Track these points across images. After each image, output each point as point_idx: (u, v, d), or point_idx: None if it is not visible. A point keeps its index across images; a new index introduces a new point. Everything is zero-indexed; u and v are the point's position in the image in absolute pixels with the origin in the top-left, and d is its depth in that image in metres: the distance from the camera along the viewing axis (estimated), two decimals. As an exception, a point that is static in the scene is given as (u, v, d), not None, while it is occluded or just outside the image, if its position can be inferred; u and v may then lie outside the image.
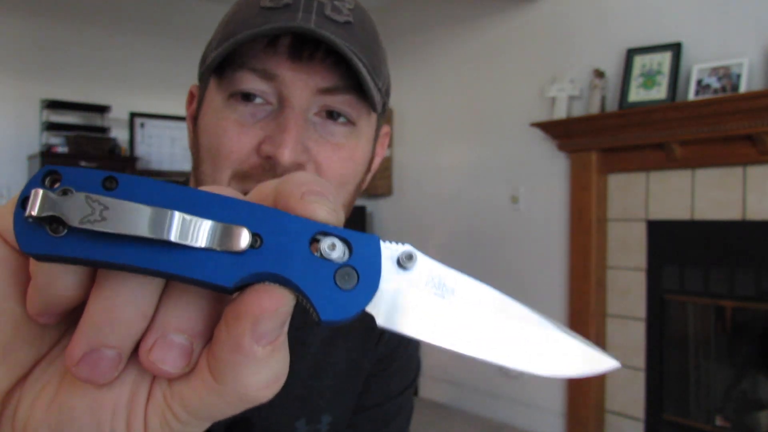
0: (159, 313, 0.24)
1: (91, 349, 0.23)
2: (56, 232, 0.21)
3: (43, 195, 0.21)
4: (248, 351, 0.23)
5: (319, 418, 0.69)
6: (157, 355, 0.23)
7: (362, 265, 0.24)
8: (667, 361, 2.72)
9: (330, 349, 0.70)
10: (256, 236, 0.23)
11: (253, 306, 0.22)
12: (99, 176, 0.22)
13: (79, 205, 0.21)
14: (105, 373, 0.23)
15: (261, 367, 0.23)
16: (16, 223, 0.21)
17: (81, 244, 0.21)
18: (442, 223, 3.73)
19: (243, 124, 0.57)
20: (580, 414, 2.91)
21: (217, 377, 0.23)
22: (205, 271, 0.22)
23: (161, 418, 0.24)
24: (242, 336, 0.22)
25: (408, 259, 0.25)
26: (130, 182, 0.22)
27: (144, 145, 4.17)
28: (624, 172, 2.81)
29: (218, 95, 0.59)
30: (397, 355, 0.76)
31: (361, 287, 0.24)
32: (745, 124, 2.33)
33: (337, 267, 0.23)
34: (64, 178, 0.22)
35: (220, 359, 0.23)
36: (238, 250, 0.22)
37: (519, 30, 3.34)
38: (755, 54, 2.42)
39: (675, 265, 2.68)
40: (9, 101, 3.80)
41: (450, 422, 3.38)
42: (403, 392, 0.76)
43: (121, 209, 0.21)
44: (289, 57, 0.56)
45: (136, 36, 4.20)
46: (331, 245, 0.23)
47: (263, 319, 0.22)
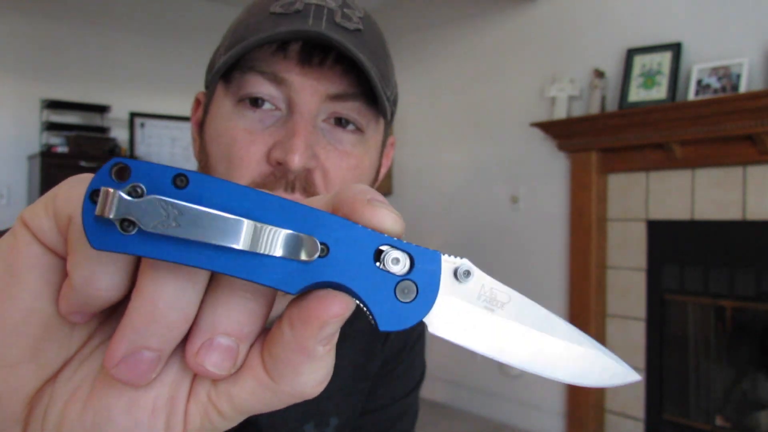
0: (205, 314, 0.24)
1: (131, 352, 0.23)
2: (126, 231, 0.21)
3: (117, 197, 0.21)
4: (312, 352, 0.23)
5: (327, 421, 0.68)
6: (205, 358, 0.23)
7: (422, 279, 0.24)
8: (667, 361, 2.72)
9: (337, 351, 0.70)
10: (324, 246, 0.23)
11: (322, 312, 0.22)
12: (169, 173, 0.22)
13: (153, 210, 0.21)
14: (144, 375, 0.23)
15: (320, 367, 0.24)
16: (86, 219, 0.21)
17: (151, 245, 0.21)
18: (442, 223, 3.73)
19: (252, 132, 0.56)
20: (580, 414, 2.91)
21: (275, 376, 0.24)
22: (273, 277, 0.22)
23: (203, 415, 0.25)
24: (309, 339, 0.23)
25: (465, 275, 0.25)
26: (201, 181, 0.22)
27: (144, 145, 4.17)
28: (624, 172, 2.81)
29: (226, 101, 0.58)
30: (403, 358, 0.76)
31: (420, 300, 0.24)
32: (745, 124, 2.33)
33: (399, 280, 0.24)
34: (133, 173, 0.21)
35: (280, 360, 0.24)
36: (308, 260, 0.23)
37: (519, 30, 3.34)
38: (755, 54, 2.42)
39: (675, 265, 2.68)
40: (9, 101, 3.80)
41: (450, 422, 3.38)
42: (408, 394, 0.76)
43: (195, 216, 0.21)
44: (299, 62, 0.56)
45: (137, 36, 4.20)
46: (395, 259, 0.24)
47: (331, 324, 0.23)
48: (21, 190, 3.83)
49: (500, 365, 3.33)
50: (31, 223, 0.23)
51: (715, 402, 2.62)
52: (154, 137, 4.21)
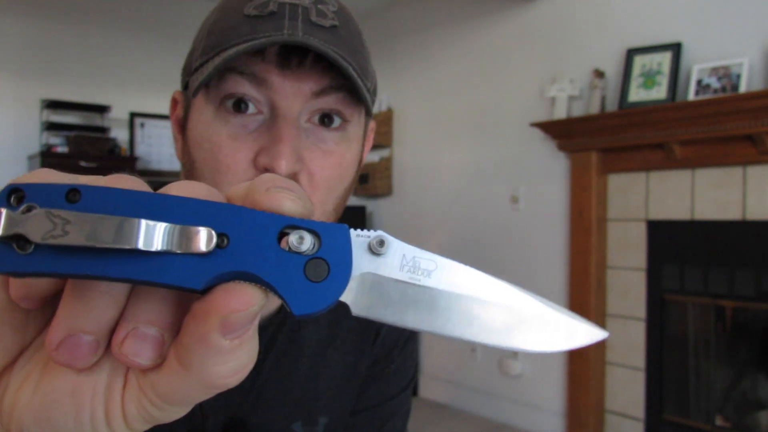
0: (130, 305, 0.24)
1: (68, 335, 0.23)
2: (23, 250, 0.21)
3: (6, 215, 0.21)
4: (215, 345, 0.23)
5: (316, 420, 0.68)
6: (129, 348, 0.24)
7: (332, 255, 0.23)
8: (667, 361, 2.72)
9: (326, 351, 0.70)
10: (223, 235, 0.22)
11: (221, 305, 0.22)
12: (62, 190, 0.22)
13: (40, 222, 0.21)
14: (83, 358, 0.24)
15: (227, 359, 0.23)
16: None
17: (48, 260, 0.21)
18: (442, 223, 3.73)
19: (236, 138, 0.56)
20: (580, 414, 2.91)
21: (185, 366, 0.24)
22: (173, 275, 0.22)
23: (137, 403, 0.25)
24: (210, 332, 0.23)
25: (379, 245, 0.24)
26: (93, 193, 0.22)
27: (144, 145, 4.17)
28: (624, 172, 2.81)
29: (208, 106, 0.58)
30: (394, 357, 0.76)
31: (333, 278, 0.23)
32: (745, 124, 2.33)
33: (307, 259, 0.23)
34: (27, 195, 0.22)
35: (187, 349, 0.23)
36: (204, 252, 0.22)
37: (519, 30, 3.34)
38: (755, 54, 2.42)
39: (675, 265, 2.68)
40: (9, 101, 3.80)
41: (450, 422, 3.38)
42: (399, 394, 0.76)
43: (81, 221, 0.21)
44: (278, 65, 0.56)
45: (136, 36, 4.20)
46: (299, 238, 0.23)
47: (231, 319, 0.22)
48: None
49: (501, 364, 3.33)
50: None
51: (715, 402, 2.62)
52: (154, 137, 4.21)
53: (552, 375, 3.10)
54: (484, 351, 3.46)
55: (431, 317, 0.25)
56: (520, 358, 3.26)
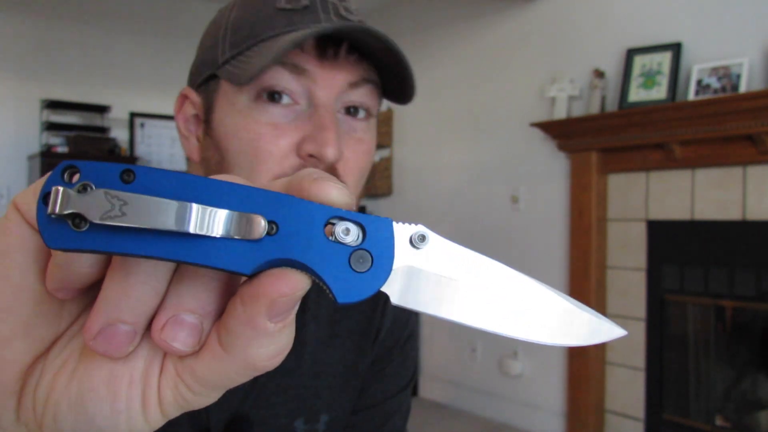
0: (171, 292, 0.25)
1: (107, 324, 0.24)
2: (78, 227, 0.22)
3: (63, 193, 0.21)
4: (262, 328, 0.24)
5: (317, 417, 0.69)
6: (169, 334, 0.24)
7: (376, 247, 0.24)
8: (667, 361, 2.72)
9: (327, 349, 0.71)
10: (272, 223, 0.23)
11: (271, 289, 0.23)
12: (117, 169, 0.22)
13: (98, 202, 0.21)
14: (120, 347, 0.24)
15: (271, 342, 0.24)
16: (40, 219, 0.22)
17: (103, 238, 0.22)
18: (442, 223, 3.73)
19: (276, 126, 0.57)
20: (580, 414, 2.91)
21: (227, 349, 0.24)
22: (224, 259, 0.23)
23: (173, 389, 0.26)
24: (258, 315, 0.23)
25: (421, 240, 0.25)
26: (147, 174, 0.22)
27: (144, 145, 4.17)
28: (624, 172, 2.82)
29: (240, 97, 0.58)
30: (394, 356, 0.76)
31: (375, 269, 0.24)
32: (745, 124, 2.33)
33: (352, 250, 0.24)
34: (82, 173, 0.22)
35: (232, 332, 0.24)
36: (255, 238, 0.23)
37: (519, 30, 3.34)
38: (755, 54, 2.42)
39: (675, 265, 2.68)
40: (9, 101, 3.80)
41: (450, 422, 3.38)
42: (399, 393, 0.77)
43: (139, 204, 0.22)
44: (317, 55, 0.57)
45: (136, 36, 4.20)
46: (346, 230, 0.24)
47: (279, 302, 0.23)
48: (21, 190, 3.83)
49: (500, 364, 3.33)
50: (22, 207, 0.25)
51: (715, 402, 2.62)
52: (154, 137, 4.21)
53: (552, 375, 3.10)
54: (484, 351, 3.46)
55: (467, 310, 0.26)
56: (520, 358, 3.26)
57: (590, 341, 0.27)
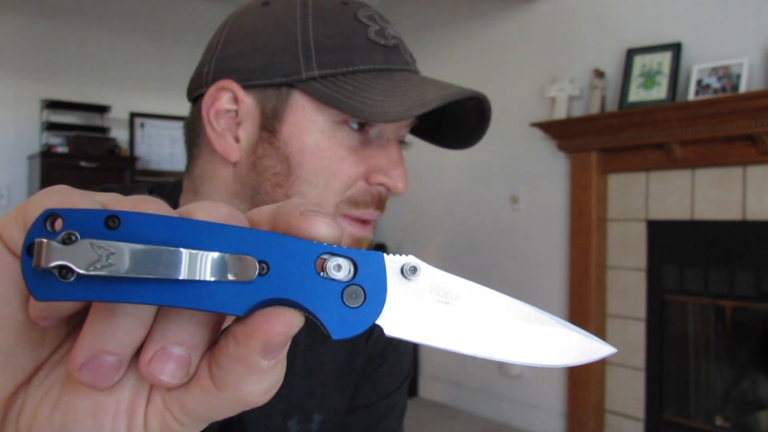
0: (157, 325, 0.24)
1: (92, 356, 0.23)
2: (65, 278, 0.21)
3: (47, 245, 0.21)
4: (255, 366, 0.24)
5: (310, 417, 0.69)
6: (157, 367, 0.24)
7: (368, 282, 0.24)
8: (667, 361, 2.72)
9: (320, 348, 0.71)
10: (263, 263, 0.23)
11: (265, 329, 0.23)
12: (100, 216, 0.22)
13: (84, 253, 0.21)
14: (106, 378, 0.24)
15: (263, 378, 0.24)
16: (25, 273, 0.21)
17: (91, 288, 0.22)
18: (443, 222, 3.73)
19: (355, 152, 0.61)
20: (580, 414, 2.91)
21: (219, 385, 0.24)
22: (216, 302, 0.23)
23: (161, 420, 0.25)
24: (252, 354, 0.23)
25: (412, 271, 0.25)
26: (132, 219, 0.22)
27: (144, 145, 4.17)
28: (624, 172, 2.81)
29: (321, 115, 0.60)
30: (388, 354, 0.76)
31: (369, 304, 0.24)
32: (745, 124, 2.33)
33: (344, 286, 0.24)
34: (65, 221, 0.22)
35: (224, 370, 0.24)
36: (247, 280, 0.23)
37: (519, 30, 3.34)
38: (755, 54, 2.42)
39: (675, 265, 2.68)
40: (9, 101, 3.80)
41: (450, 422, 3.38)
42: (394, 392, 0.76)
43: (126, 253, 0.21)
44: None
45: (136, 36, 4.20)
46: (337, 266, 0.24)
47: (274, 341, 0.23)
48: (21, 190, 3.83)
49: (500, 365, 3.33)
50: (3, 233, 0.24)
51: (715, 402, 2.63)
52: (154, 137, 4.21)
53: (552, 375, 3.10)
54: (484, 351, 3.46)
55: (459, 339, 0.26)
56: (520, 358, 3.26)
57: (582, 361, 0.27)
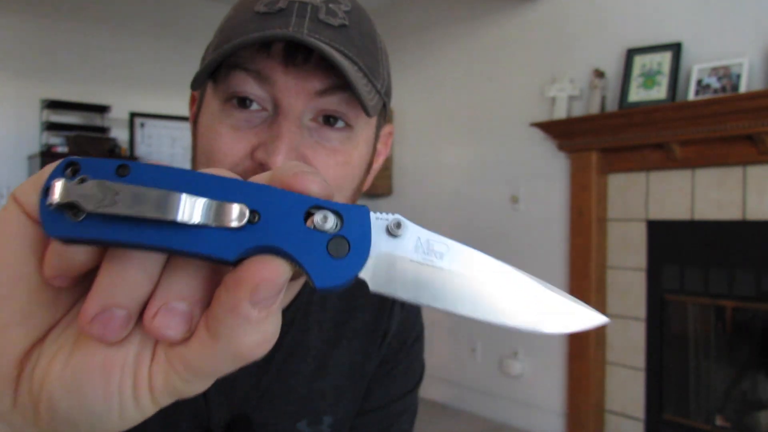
0: (162, 281, 0.26)
1: (102, 309, 0.24)
2: (76, 217, 0.23)
3: (62, 185, 0.23)
4: (245, 314, 0.24)
5: (320, 419, 0.68)
6: (160, 322, 0.25)
7: (353, 234, 0.25)
8: (667, 361, 2.72)
9: (332, 350, 0.70)
10: (254, 212, 0.24)
11: (253, 275, 0.24)
12: (113, 164, 0.24)
13: (92, 192, 0.23)
14: (115, 332, 0.25)
15: (255, 329, 0.25)
16: (41, 210, 0.24)
17: (97, 227, 0.23)
18: (442, 223, 3.73)
19: (238, 129, 0.57)
20: (580, 414, 2.91)
21: (214, 336, 0.25)
22: (209, 246, 0.24)
23: (164, 375, 0.26)
24: (241, 301, 0.24)
25: (397, 227, 0.26)
26: (140, 168, 0.24)
27: (144, 145, 4.17)
28: (624, 172, 2.82)
29: (214, 99, 0.59)
30: (401, 359, 0.76)
31: (353, 255, 0.25)
32: (745, 124, 2.33)
33: (330, 237, 0.25)
34: (82, 168, 0.24)
35: (217, 320, 0.25)
36: (237, 226, 0.24)
37: (519, 30, 3.34)
38: (755, 54, 2.43)
39: (675, 265, 2.68)
40: (9, 101, 3.80)
41: (450, 422, 3.38)
42: (406, 395, 0.76)
43: (129, 194, 0.23)
44: (283, 62, 0.56)
45: (137, 36, 4.20)
46: (324, 217, 0.25)
47: (261, 288, 0.24)
48: (21, 190, 3.83)
49: (500, 365, 3.33)
50: (21, 198, 0.25)
51: (715, 402, 2.63)
52: (154, 137, 4.21)
53: (552, 375, 3.10)
54: (483, 351, 3.46)
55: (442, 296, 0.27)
56: (520, 358, 3.26)
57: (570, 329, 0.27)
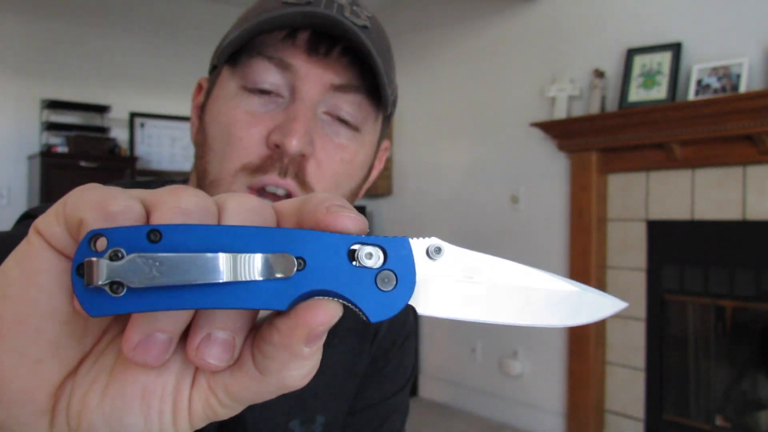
0: (203, 311, 0.26)
1: (146, 336, 0.25)
2: (116, 293, 0.23)
3: (98, 264, 0.22)
4: (298, 353, 0.25)
5: (313, 418, 0.68)
6: (205, 351, 0.25)
7: (398, 266, 0.26)
8: (667, 361, 2.72)
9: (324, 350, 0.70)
10: (300, 259, 0.25)
11: (309, 320, 0.25)
12: (142, 231, 0.23)
13: (134, 267, 0.23)
14: (158, 356, 0.25)
15: (304, 364, 0.26)
16: (78, 292, 0.23)
17: (142, 299, 0.23)
18: (442, 223, 3.73)
19: (253, 114, 0.57)
20: (580, 414, 2.91)
21: (263, 371, 0.26)
22: (260, 301, 0.24)
23: (204, 402, 0.27)
24: (296, 343, 0.25)
25: (437, 252, 0.27)
26: (172, 231, 0.24)
27: (144, 145, 4.17)
28: (624, 172, 2.82)
29: (231, 83, 0.59)
30: (391, 357, 0.76)
31: (401, 286, 0.26)
32: (745, 124, 2.33)
33: (377, 272, 0.26)
34: (109, 239, 0.23)
35: (268, 357, 0.26)
36: (287, 276, 0.24)
37: (519, 30, 3.34)
38: (755, 54, 2.43)
39: (675, 265, 2.68)
40: (9, 101, 3.80)
41: (450, 422, 3.38)
42: (398, 393, 0.76)
43: (173, 263, 0.23)
44: (306, 50, 0.56)
45: (136, 36, 4.20)
46: (368, 254, 0.26)
47: (317, 331, 0.25)
48: (21, 190, 3.83)
49: (501, 364, 3.33)
50: (44, 231, 0.25)
51: (715, 402, 2.63)
52: (154, 137, 4.21)
53: (552, 375, 3.10)
54: (484, 351, 3.46)
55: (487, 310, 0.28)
56: (520, 358, 3.26)
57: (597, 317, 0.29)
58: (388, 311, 0.26)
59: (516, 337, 3.28)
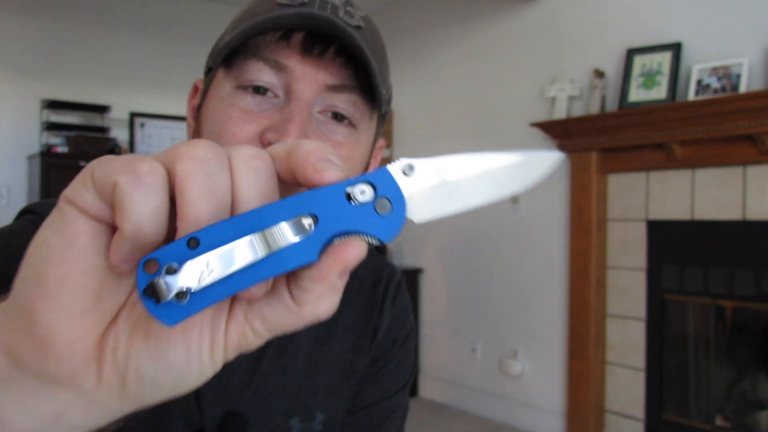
0: None
1: None
2: (183, 299, 0.27)
3: (163, 282, 0.26)
4: (333, 284, 0.29)
5: (313, 416, 0.69)
6: None
7: (387, 192, 0.31)
8: (667, 361, 2.72)
9: (323, 348, 0.71)
10: (312, 216, 0.29)
11: (345, 256, 0.29)
12: (182, 243, 0.27)
13: (191, 273, 0.27)
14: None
15: (335, 294, 0.30)
16: (152, 311, 0.26)
17: (205, 296, 0.27)
18: (442, 223, 3.73)
19: (248, 112, 0.58)
20: (580, 414, 2.91)
21: (300, 303, 0.30)
22: (296, 260, 0.28)
23: (240, 332, 0.31)
24: (333, 276, 0.29)
25: (410, 169, 0.32)
26: (207, 233, 0.27)
27: (144, 145, 4.17)
28: (624, 172, 2.82)
29: (226, 84, 0.59)
30: (392, 355, 0.76)
31: (395, 207, 0.31)
32: (745, 124, 2.33)
33: (373, 203, 0.30)
34: (161, 259, 0.27)
35: (305, 291, 0.30)
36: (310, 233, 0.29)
37: (519, 30, 3.34)
38: (755, 54, 2.43)
39: (675, 265, 2.68)
40: (9, 101, 3.80)
41: (450, 422, 3.38)
42: (397, 392, 0.76)
43: (218, 257, 0.27)
44: (301, 51, 0.57)
45: (136, 36, 4.21)
46: (361, 191, 0.30)
47: (352, 263, 0.29)
48: (21, 190, 3.83)
49: (500, 364, 3.33)
50: (76, 200, 0.28)
51: (715, 402, 2.63)
52: (154, 137, 4.21)
53: (552, 375, 3.10)
54: (484, 351, 3.46)
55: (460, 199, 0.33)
56: (520, 358, 3.26)
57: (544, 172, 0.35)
58: (393, 230, 0.30)
59: (516, 337, 3.28)
